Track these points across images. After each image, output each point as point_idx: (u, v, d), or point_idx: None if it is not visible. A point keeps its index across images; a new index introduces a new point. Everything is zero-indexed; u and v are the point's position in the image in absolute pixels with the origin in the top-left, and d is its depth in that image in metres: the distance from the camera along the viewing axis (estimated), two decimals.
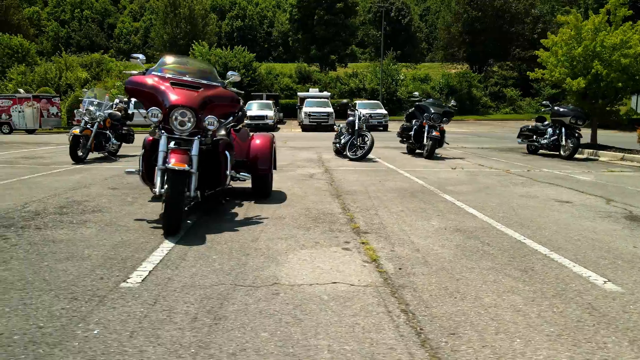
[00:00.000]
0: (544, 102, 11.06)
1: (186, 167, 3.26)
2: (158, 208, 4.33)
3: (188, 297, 2.27)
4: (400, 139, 11.02)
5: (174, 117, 3.57)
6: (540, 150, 11.07)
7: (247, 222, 3.89)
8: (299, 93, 32.04)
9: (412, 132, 10.05)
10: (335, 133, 10.75)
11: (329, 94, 30.45)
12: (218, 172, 3.93)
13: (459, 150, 11.62)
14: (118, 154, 9.29)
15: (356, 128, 9.35)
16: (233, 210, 4.34)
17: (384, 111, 24.23)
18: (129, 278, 2.52)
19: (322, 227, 3.73)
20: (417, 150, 10.68)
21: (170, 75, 3.80)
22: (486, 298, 2.34)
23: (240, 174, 3.98)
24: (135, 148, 11.28)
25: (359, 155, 9.07)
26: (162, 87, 3.66)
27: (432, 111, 9.67)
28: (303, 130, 23.89)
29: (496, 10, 38.79)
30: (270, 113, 24.94)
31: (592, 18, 11.09)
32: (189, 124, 3.61)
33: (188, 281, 2.49)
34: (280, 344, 1.83)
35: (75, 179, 6.15)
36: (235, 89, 4.48)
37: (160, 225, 3.60)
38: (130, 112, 9.80)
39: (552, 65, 11.77)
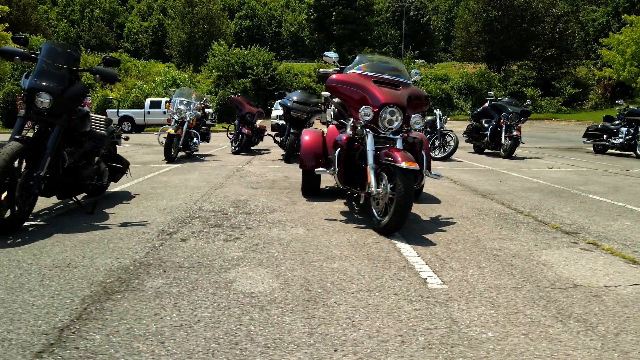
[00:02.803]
0: (618, 101, 10.98)
1: (418, 166, 3.22)
2: (328, 207, 4.29)
3: None
4: (467, 138, 11.01)
5: (383, 115, 3.54)
6: (609, 150, 11.04)
7: (448, 222, 3.85)
8: (322, 93, 32.00)
9: (487, 132, 10.03)
10: None
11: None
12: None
13: (523, 150, 11.58)
14: (199, 152, 9.27)
15: (438, 127, 9.32)
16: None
17: None
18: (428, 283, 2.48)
19: (524, 227, 3.69)
20: (487, 150, 10.69)
21: (371, 73, 3.77)
22: None
23: (432, 173, 3.94)
24: (207, 147, 11.24)
25: (443, 155, 9.04)
26: (368, 86, 3.63)
27: (510, 110, 9.64)
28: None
29: (516, 9, 38.72)
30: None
31: None
32: (397, 123, 3.59)
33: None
34: None
35: (195, 177, 6.11)
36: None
37: (366, 224, 3.57)
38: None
39: (619, 65, 11.69)
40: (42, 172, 3.24)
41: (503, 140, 9.59)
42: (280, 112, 22.47)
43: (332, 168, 3.90)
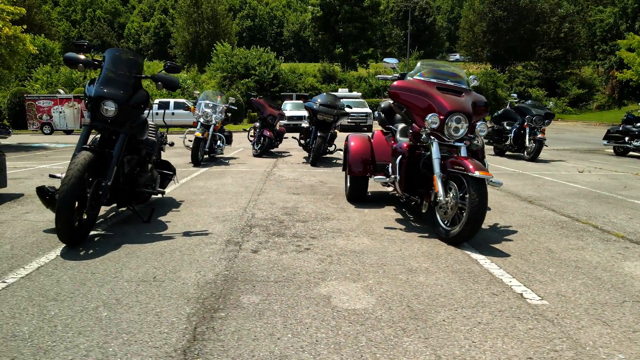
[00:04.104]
0: None
1: (491, 175, 3.17)
2: (380, 214, 4.23)
3: None
4: (487, 140, 10.97)
5: (449, 123, 3.49)
6: (631, 153, 11.01)
7: (508, 230, 3.80)
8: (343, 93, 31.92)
9: (510, 134, 9.99)
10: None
11: (360, 94, 30.32)
12: None
13: (543, 152, 11.52)
14: (222, 155, 9.22)
15: None
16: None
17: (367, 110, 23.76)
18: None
19: (590, 237, 3.64)
20: (508, 152, 10.64)
21: (434, 80, 3.72)
22: None
23: (493, 180, 3.88)
24: (226, 149, 11.16)
25: None
26: (432, 93, 3.58)
27: (534, 113, 9.59)
28: (341, 131, 23.72)
29: (521, 9, 38.70)
30: (306, 113, 24.92)
31: None
32: (462, 130, 3.54)
33: None
34: None
35: (231, 182, 6.05)
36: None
37: (429, 232, 3.52)
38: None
39: None
40: (109, 182, 3.19)
41: (527, 143, 9.54)
42: (288, 112, 22.36)
43: (392, 176, 3.85)
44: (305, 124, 9.36)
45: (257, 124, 10.23)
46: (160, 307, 2.16)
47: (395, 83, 3.78)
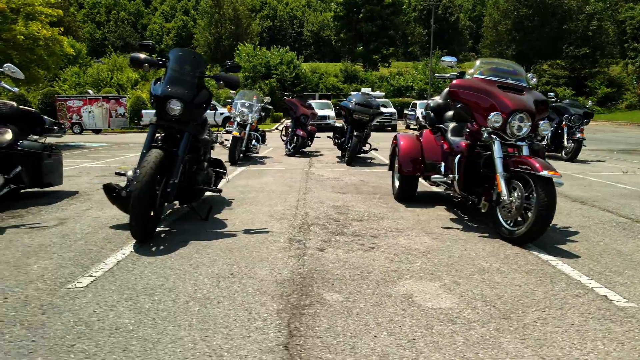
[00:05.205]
0: None
1: (560, 175, 3.12)
2: (433, 213, 4.20)
3: None
4: None
5: (512, 122, 3.45)
6: None
7: (569, 231, 3.73)
8: (352, 93, 31.94)
9: (548, 134, 9.81)
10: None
11: (383, 93, 30.17)
12: None
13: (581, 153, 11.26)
14: (257, 155, 9.29)
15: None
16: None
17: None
18: None
19: None
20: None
21: (495, 78, 3.68)
22: None
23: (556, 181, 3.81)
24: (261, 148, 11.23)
25: None
26: (494, 91, 3.53)
27: (573, 112, 9.39)
28: None
29: (547, 6, 37.95)
30: (331, 113, 24.95)
31: None
32: (525, 129, 3.48)
33: None
34: None
35: (272, 181, 6.09)
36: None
37: (488, 232, 3.48)
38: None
39: None
40: (176, 179, 3.25)
41: (565, 142, 9.34)
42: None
43: (451, 175, 3.82)
44: (338, 124, 9.36)
45: (289, 123, 10.29)
46: (248, 303, 2.18)
47: (454, 82, 3.75)
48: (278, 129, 19.02)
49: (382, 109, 25.50)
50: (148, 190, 2.90)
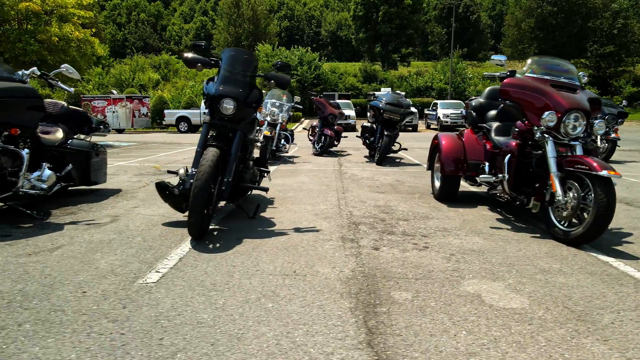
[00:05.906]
0: None
1: (620, 175, 3.06)
2: (477, 213, 4.16)
3: None
4: None
5: (566, 121, 3.39)
6: None
7: (621, 232, 3.66)
8: (382, 90, 31.87)
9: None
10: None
11: (403, 93, 30.00)
12: None
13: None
14: (287, 154, 9.34)
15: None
16: None
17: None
18: None
19: None
20: None
21: (548, 77, 3.63)
22: None
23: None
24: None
25: None
26: (547, 90, 3.48)
27: (606, 112, 9.20)
28: None
29: (572, 4, 37.22)
30: (352, 113, 25.03)
31: None
32: (580, 129, 3.43)
33: None
34: None
35: (307, 180, 6.11)
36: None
37: (540, 232, 3.43)
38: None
39: None
40: (230, 178, 3.29)
41: (599, 142, 9.15)
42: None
43: (500, 175, 3.79)
44: (367, 123, 9.35)
45: (316, 123, 10.32)
46: (319, 301, 2.20)
47: (506, 80, 3.71)
48: (305, 129, 19.05)
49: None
50: (207, 189, 2.94)
